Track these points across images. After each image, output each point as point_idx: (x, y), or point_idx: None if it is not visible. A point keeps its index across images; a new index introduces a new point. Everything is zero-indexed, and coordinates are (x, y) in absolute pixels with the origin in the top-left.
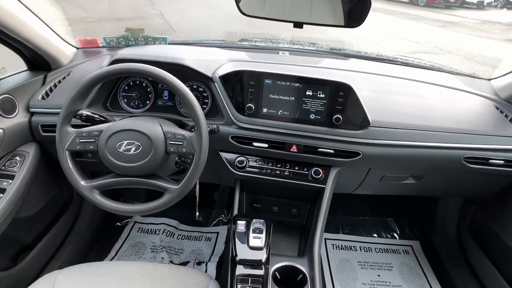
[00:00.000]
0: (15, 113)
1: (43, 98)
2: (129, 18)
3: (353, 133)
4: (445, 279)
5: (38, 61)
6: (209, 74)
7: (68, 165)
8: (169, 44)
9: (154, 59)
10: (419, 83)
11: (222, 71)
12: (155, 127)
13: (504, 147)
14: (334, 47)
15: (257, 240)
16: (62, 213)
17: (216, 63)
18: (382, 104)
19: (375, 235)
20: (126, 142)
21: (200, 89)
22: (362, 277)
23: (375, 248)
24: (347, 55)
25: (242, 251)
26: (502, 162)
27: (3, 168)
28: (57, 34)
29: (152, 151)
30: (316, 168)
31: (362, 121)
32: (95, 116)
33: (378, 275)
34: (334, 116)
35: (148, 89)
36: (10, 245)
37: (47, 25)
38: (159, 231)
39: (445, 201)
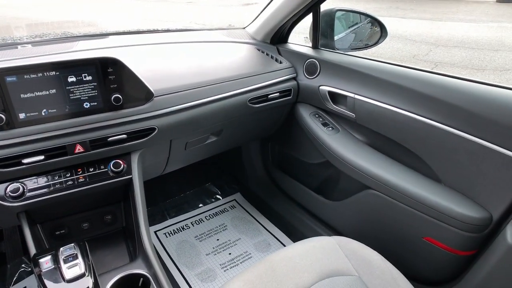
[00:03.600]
0: None
1: None
2: None
3: (140, 109)
4: (271, 214)
5: None
6: None
7: None
8: None
9: None
10: (188, 43)
11: None
12: None
13: (275, 81)
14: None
15: (74, 268)
16: None
17: None
18: (159, 71)
19: (201, 205)
20: None
21: None
22: (204, 249)
23: (205, 217)
24: (104, 34)
25: None
26: (277, 94)
27: None
28: None
29: None
30: (114, 161)
31: (145, 94)
32: None
33: (217, 239)
34: (113, 97)
35: None
36: None
37: None
38: None
39: (246, 148)
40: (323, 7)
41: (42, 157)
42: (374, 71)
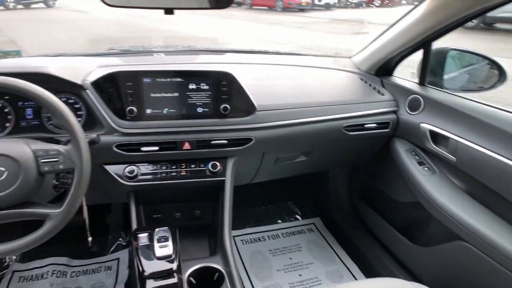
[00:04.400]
0: None
1: None
2: None
3: (242, 120)
4: (348, 245)
5: None
6: (79, 81)
7: None
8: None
9: (7, 70)
10: (294, 66)
11: (94, 77)
12: (21, 147)
13: (374, 111)
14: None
15: (164, 249)
16: None
17: (85, 69)
18: (264, 88)
19: (279, 221)
20: None
21: (70, 101)
22: (275, 264)
23: (282, 233)
24: (222, 51)
25: (150, 265)
26: (374, 125)
27: None
28: None
29: (21, 175)
30: (213, 162)
31: (249, 107)
32: None
33: (290, 258)
34: (222, 106)
35: (6, 110)
36: None
37: None
38: (47, 275)
39: (334, 174)
40: (436, 44)
41: (156, 148)
42: (485, 116)
